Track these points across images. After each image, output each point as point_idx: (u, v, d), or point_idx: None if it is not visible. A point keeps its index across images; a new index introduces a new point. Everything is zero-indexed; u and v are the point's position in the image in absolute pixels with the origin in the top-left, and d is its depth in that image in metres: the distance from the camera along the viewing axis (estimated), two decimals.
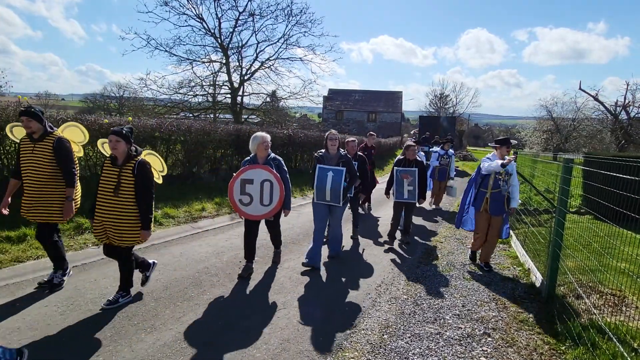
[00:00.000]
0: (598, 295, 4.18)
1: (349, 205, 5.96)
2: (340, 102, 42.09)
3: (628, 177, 2.89)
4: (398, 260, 5.45)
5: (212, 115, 22.81)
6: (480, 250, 5.40)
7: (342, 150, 5.06)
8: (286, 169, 4.68)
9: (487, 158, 5.14)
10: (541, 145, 29.06)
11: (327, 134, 5.02)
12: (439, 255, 5.79)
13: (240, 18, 21.76)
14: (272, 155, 4.58)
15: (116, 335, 3.10)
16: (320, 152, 5.00)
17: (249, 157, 4.57)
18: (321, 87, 67.52)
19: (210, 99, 22.64)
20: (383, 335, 3.39)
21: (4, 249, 4.66)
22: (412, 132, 20.18)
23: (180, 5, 21.22)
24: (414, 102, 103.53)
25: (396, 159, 6.24)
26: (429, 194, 9.37)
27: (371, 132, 9.15)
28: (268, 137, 4.53)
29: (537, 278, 4.67)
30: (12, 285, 3.88)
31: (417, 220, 8.13)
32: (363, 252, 5.84)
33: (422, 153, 9.22)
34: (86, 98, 49.48)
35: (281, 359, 2.95)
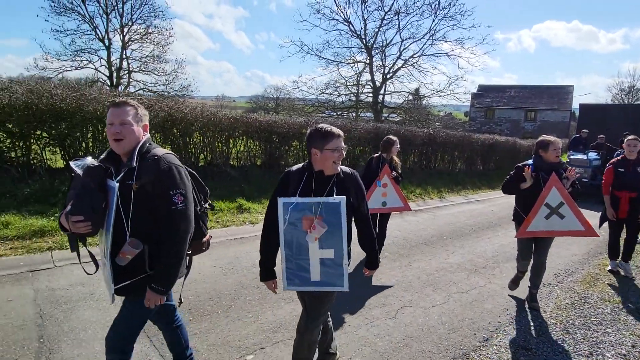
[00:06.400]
0: None
1: None
2: (491, 99, 38.13)
3: None
4: (550, 280, 4.70)
5: (353, 114, 23.84)
6: None
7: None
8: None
9: None
10: None
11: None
12: (609, 279, 4.76)
13: (385, 17, 22.04)
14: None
15: (262, 300, 3.67)
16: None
17: None
18: (469, 83, 62.03)
19: (353, 98, 23.69)
20: (519, 356, 3.05)
21: None
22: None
23: (330, 12, 22.81)
24: (590, 98, 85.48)
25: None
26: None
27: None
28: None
29: None
30: None
31: None
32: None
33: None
34: (251, 99, 58.12)
35: (402, 354, 2.98)
